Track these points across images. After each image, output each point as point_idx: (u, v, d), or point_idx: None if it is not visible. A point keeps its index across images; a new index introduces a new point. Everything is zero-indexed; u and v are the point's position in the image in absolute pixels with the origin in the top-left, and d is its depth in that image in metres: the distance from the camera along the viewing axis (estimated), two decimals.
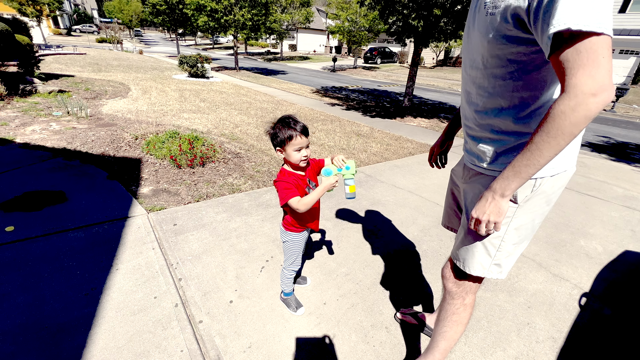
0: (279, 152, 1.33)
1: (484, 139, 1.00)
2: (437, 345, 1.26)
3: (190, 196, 2.78)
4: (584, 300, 1.96)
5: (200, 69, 10.92)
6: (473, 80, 0.99)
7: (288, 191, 1.29)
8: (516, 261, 2.26)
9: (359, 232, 2.49)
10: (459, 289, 1.16)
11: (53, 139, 3.71)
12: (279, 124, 1.28)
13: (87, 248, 1.98)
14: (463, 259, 1.10)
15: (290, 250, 1.55)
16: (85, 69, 10.56)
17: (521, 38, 0.80)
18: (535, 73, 0.84)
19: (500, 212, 0.88)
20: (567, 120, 0.69)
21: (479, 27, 0.89)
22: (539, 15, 0.70)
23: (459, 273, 1.15)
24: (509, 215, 0.98)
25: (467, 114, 1.06)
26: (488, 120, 0.97)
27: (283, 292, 1.70)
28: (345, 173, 1.31)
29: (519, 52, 0.83)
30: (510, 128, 0.93)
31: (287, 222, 1.49)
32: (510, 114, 0.91)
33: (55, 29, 38.58)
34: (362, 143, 4.96)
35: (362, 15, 18.82)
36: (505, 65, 0.87)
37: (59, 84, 7.17)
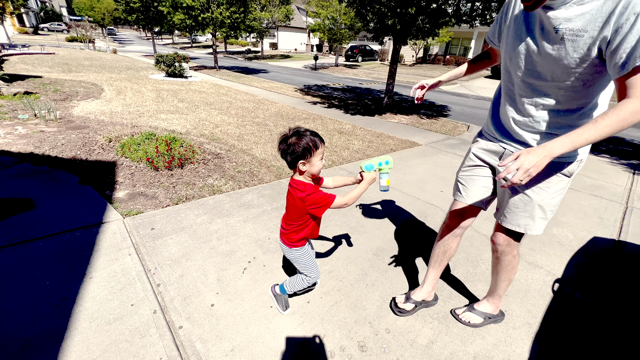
0: (301, 165, 1.30)
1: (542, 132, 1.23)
2: (500, 287, 1.61)
3: (169, 199, 2.70)
4: (557, 285, 2.05)
5: (178, 69, 10.63)
6: (532, 88, 1.20)
7: (326, 196, 1.32)
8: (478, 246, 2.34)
9: (342, 229, 2.50)
10: (510, 248, 1.45)
11: (19, 144, 3.51)
12: (297, 137, 1.27)
13: (58, 257, 1.88)
14: (525, 225, 1.35)
15: (305, 262, 1.53)
16: (54, 69, 10.06)
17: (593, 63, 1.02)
18: (591, 87, 1.09)
19: (540, 167, 0.98)
20: (630, 117, 0.93)
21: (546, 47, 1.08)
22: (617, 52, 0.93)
23: (516, 236, 1.42)
24: (563, 187, 1.27)
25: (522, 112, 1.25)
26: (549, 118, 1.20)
27: (281, 287, 1.64)
28: (384, 167, 1.43)
29: (586, 72, 1.05)
30: (566, 123, 1.18)
31: (292, 240, 1.46)
32: (568, 113, 1.17)
33: (20, 27, 36.51)
34: (345, 141, 4.98)
35: (343, 13, 18.88)
36: (571, 80, 1.08)
37: (25, 85, 6.79)
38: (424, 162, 4.28)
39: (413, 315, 1.70)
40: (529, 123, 1.24)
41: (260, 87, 10.59)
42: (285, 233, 1.48)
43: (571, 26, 0.99)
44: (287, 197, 1.43)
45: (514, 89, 1.26)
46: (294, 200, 1.37)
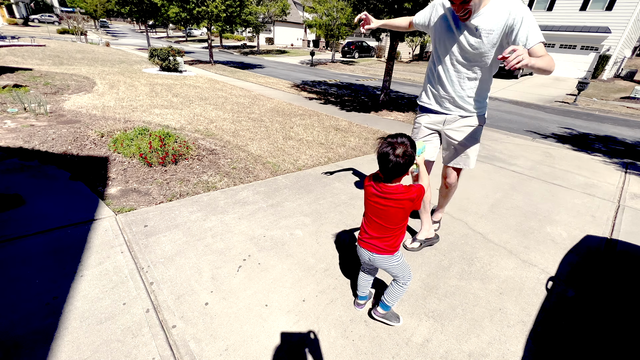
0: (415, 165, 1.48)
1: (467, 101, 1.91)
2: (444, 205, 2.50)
3: (162, 196, 2.66)
4: (550, 284, 2.06)
5: (173, 63, 10.47)
6: (461, 72, 1.84)
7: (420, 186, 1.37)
8: (489, 249, 2.35)
9: (338, 226, 2.49)
10: (457, 181, 2.28)
11: (8, 138, 3.43)
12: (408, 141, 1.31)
13: (48, 255, 1.84)
14: (465, 163, 2.11)
15: (404, 264, 1.50)
16: (45, 61, 9.84)
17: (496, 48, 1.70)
18: (491, 64, 1.78)
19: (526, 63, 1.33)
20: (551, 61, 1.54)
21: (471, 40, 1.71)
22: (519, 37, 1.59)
23: (459, 172, 2.22)
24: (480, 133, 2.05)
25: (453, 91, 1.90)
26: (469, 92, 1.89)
27: (383, 305, 1.56)
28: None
29: (491, 54, 1.73)
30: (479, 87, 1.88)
31: (396, 245, 1.44)
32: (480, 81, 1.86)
33: (9, 18, 35.60)
34: (341, 137, 4.96)
35: (340, 9, 18.73)
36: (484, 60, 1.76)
37: (15, 78, 6.63)
38: None
39: (409, 314, 1.70)
40: (460, 92, 1.89)
41: (256, 82, 10.49)
42: (386, 242, 1.42)
43: (485, 27, 1.65)
44: (382, 207, 1.37)
45: (449, 71, 1.86)
46: (400, 204, 1.34)
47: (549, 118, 9.38)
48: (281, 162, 3.66)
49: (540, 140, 6.30)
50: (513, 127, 7.67)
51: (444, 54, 1.83)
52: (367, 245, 1.47)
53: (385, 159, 1.28)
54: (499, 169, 4.26)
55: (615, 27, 18.16)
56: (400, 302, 1.78)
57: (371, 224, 1.44)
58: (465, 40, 1.71)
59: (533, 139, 6.27)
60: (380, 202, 1.37)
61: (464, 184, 3.59)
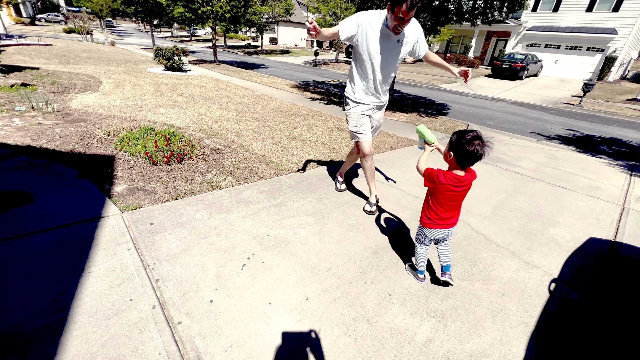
0: None
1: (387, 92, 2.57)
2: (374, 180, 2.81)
3: (168, 194, 2.69)
4: (553, 285, 2.07)
5: (177, 62, 10.54)
6: (387, 73, 2.42)
7: None
8: (492, 251, 2.35)
9: (341, 226, 2.50)
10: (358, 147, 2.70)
11: (16, 136, 3.48)
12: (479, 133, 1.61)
13: (56, 251, 1.88)
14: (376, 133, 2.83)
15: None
16: (52, 61, 9.94)
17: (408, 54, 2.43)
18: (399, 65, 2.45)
19: None
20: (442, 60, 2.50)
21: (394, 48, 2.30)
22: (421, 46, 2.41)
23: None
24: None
25: (381, 87, 2.49)
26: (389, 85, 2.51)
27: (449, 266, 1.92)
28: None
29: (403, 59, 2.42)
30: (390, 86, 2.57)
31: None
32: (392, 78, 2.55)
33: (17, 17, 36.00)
34: (344, 138, 4.97)
35: (344, 9, 18.73)
36: (399, 63, 2.43)
37: (22, 77, 6.72)
38: None
39: (411, 313, 1.71)
40: (384, 88, 2.50)
41: (260, 82, 10.53)
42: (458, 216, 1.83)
43: (407, 39, 2.28)
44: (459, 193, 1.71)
45: (376, 72, 2.37)
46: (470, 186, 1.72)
47: (553, 120, 9.33)
48: (285, 162, 3.68)
49: (544, 141, 6.28)
50: (517, 128, 7.64)
51: (376, 58, 2.30)
52: (445, 225, 1.80)
53: (476, 154, 1.55)
54: (502, 170, 4.25)
55: (622, 28, 18.01)
56: (402, 302, 1.80)
57: (448, 208, 1.76)
58: (395, 48, 2.28)
59: (537, 141, 6.25)
60: (458, 190, 1.69)
61: None
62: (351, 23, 2.21)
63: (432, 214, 1.78)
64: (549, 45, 20.90)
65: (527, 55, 18.16)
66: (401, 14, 1.97)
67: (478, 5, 6.47)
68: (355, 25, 2.21)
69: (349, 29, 2.21)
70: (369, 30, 2.21)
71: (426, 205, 1.84)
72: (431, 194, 1.80)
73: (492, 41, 23.66)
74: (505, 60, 17.80)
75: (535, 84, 17.08)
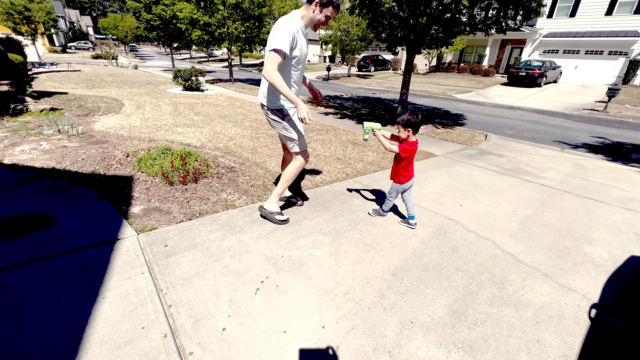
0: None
1: None
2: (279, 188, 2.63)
3: (183, 214, 2.69)
4: (594, 312, 1.88)
5: (195, 82, 10.92)
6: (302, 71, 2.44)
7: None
8: (521, 272, 2.19)
9: (358, 246, 2.41)
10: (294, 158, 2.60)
11: (42, 159, 3.63)
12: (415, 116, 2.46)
13: (73, 275, 1.88)
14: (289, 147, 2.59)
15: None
16: (79, 85, 10.54)
17: None
18: None
19: None
20: None
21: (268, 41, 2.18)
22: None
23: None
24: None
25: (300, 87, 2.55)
26: None
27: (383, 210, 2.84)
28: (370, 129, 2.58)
29: None
30: None
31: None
32: None
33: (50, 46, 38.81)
34: (358, 152, 4.91)
35: (355, 25, 19.07)
36: None
37: (52, 102, 7.12)
38: (441, 174, 4.15)
39: (436, 344, 1.59)
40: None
41: None
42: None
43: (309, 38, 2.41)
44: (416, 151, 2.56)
45: (301, 72, 2.42)
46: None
47: (577, 127, 8.95)
48: (299, 179, 3.65)
49: (569, 150, 5.99)
50: (539, 137, 7.36)
51: (303, 61, 2.36)
52: (411, 177, 2.63)
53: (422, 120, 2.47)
54: (526, 182, 4.05)
55: None
56: (426, 331, 1.67)
57: (411, 165, 2.61)
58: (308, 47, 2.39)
59: (562, 150, 5.97)
60: (416, 150, 2.55)
61: (489, 198, 3.42)
62: (290, 38, 2.12)
63: (405, 172, 2.59)
64: (568, 51, 20.36)
65: (544, 61, 17.72)
66: (330, 14, 2.21)
67: (492, 15, 6.38)
68: (291, 36, 2.13)
69: (288, 43, 2.12)
70: (299, 36, 2.22)
71: (400, 169, 2.59)
72: (401, 160, 2.55)
73: (507, 49, 23.32)
74: (522, 68, 17.43)
75: (555, 91, 16.56)
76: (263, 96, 2.44)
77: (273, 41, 2.09)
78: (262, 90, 2.45)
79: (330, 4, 2.17)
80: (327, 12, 2.20)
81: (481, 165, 4.65)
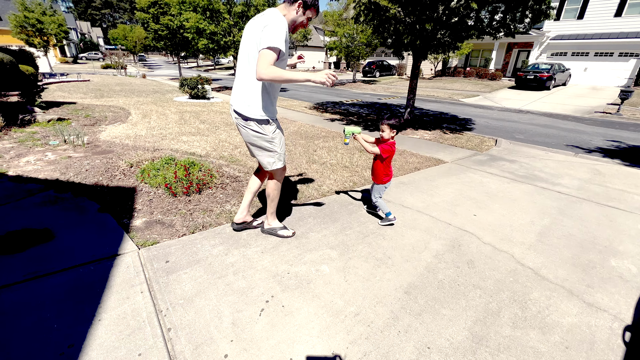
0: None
1: None
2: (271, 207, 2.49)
3: (185, 227, 2.60)
4: (628, 335, 1.72)
5: (201, 91, 10.98)
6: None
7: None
8: (544, 289, 2.03)
9: (368, 261, 2.28)
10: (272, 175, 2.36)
11: (47, 170, 3.60)
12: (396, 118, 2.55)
13: (69, 295, 1.80)
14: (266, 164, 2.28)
15: None
16: (88, 95, 10.68)
17: None
18: None
19: None
20: None
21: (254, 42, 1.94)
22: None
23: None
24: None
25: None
26: None
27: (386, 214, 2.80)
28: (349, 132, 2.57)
29: None
30: None
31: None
32: None
33: (62, 57, 39.82)
34: (366, 160, 4.80)
35: (360, 31, 19.11)
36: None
37: (60, 112, 7.18)
38: (451, 182, 4.00)
39: None
40: None
41: (278, 105, 10.69)
42: None
43: None
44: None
45: None
46: None
47: (590, 130, 8.71)
48: (305, 188, 3.55)
49: (584, 155, 5.78)
50: (551, 141, 7.16)
51: (284, 66, 2.06)
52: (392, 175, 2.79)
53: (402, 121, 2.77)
54: (541, 190, 3.88)
55: None
56: (444, 357, 1.53)
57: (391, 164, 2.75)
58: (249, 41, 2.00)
59: (576, 154, 5.77)
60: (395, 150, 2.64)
61: (504, 207, 3.26)
62: (284, 36, 1.90)
63: (388, 172, 2.72)
64: (577, 53, 20.05)
65: (553, 64, 17.46)
66: (311, 16, 2.10)
67: (500, 19, 6.26)
68: (285, 34, 1.91)
69: (284, 43, 1.91)
70: (287, 36, 1.97)
71: (383, 169, 2.69)
72: (383, 161, 2.65)
73: (514, 52, 23.09)
74: (529, 71, 17.19)
75: (565, 94, 16.27)
76: (246, 105, 2.06)
77: (266, 39, 1.81)
78: (242, 98, 2.07)
79: (313, 5, 2.04)
80: (310, 14, 2.07)
81: (493, 172, 4.49)
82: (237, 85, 2.12)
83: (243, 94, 2.08)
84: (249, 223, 2.59)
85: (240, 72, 2.10)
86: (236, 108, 2.12)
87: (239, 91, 2.11)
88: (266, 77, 1.82)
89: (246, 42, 2.01)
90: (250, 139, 2.19)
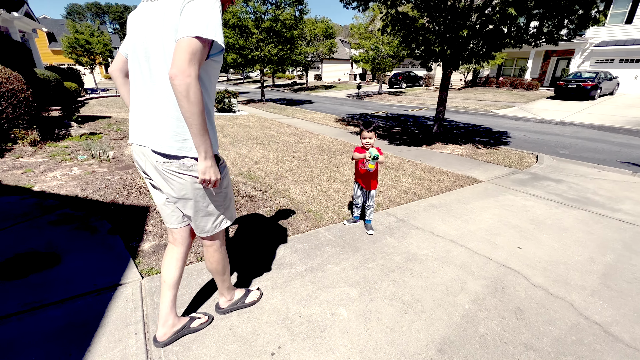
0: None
1: None
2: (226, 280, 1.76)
3: (193, 253, 2.43)
4: None
5: (227, 104, 11.21)
6: None
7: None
8: (620, 355, 1.59)
9: (393, 304, 1.96)
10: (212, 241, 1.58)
11: (69, 186, 3.64)
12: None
13: (61, 333, 1.65)
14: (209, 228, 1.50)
15: None
16: (123, 109, 11.24)
17: None
18: None
19: None
20: None
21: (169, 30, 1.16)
22: None
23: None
24: None
25: None
26: None
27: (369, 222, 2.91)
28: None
29: None
30: None
31: None
32: None
33: (106, 74, 43.11)
34: (391, 178, 4.47)
35: (386, 42, 18.91)
36: None
37: (94, 126, 7.52)
38: (489, 205, 3.57)
39: None
40: None
41: (303, 118, 10.64)
42: None
43: None
44: None
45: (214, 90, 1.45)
46: None
47: None
48: (324, 210, 3.29)
49: None
50: (602, 157, 6.40)
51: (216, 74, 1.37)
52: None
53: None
54: (598, 217, 3.34)
55: None
56: None
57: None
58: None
59: (634, 173, 5.05)
60: None
61: (554, 239, 2.80)
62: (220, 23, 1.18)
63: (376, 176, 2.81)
64: (625, 60, 18.47)
65: (598, 72, 16.15)
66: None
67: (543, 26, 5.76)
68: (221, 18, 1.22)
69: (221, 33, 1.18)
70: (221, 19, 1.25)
71: (375, 175, 2.78)
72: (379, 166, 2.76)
73: (552, 60, 21.75)
74: (571, 80, 16.01)
75: (613, 104, 14.91)
76: (172, 134, 1.23)
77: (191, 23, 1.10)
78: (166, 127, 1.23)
79: None
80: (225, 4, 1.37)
81: (537, 194, 3.99)
82: (149, 109, 1.25)
83: (164, 119, 1.23)
84: (184, 327, 1.65)
85: (147, 88, 1.24)
86: (156, 147, 1.24)
87: (155, 117, 1.24)
88: (182, 89, 1.07)
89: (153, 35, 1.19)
90: (191, 193, 1.34)
